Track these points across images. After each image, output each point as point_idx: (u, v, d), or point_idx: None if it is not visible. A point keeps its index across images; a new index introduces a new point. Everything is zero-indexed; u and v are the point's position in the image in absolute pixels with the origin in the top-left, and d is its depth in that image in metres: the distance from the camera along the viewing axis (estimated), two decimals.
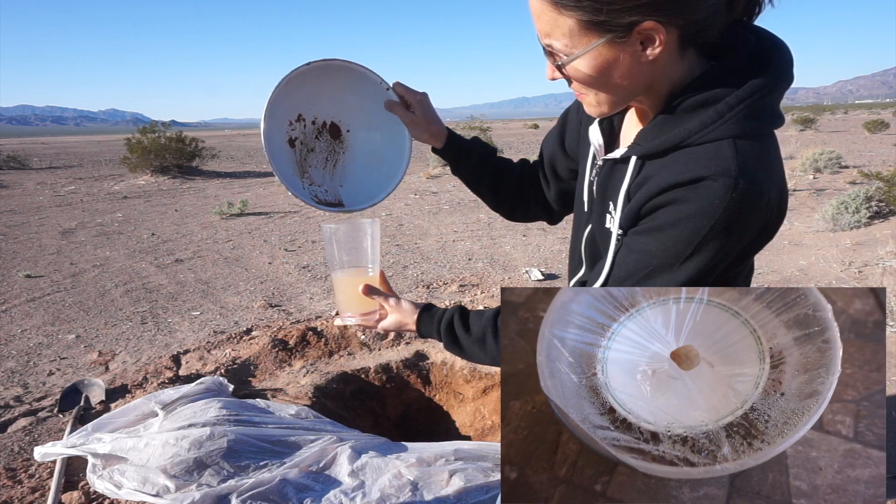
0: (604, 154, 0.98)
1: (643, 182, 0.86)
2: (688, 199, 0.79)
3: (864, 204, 6.37)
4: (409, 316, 1.06)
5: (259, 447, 2.32)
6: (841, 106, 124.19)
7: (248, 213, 8.86)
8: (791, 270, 4.91)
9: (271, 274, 5.40)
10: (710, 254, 0.80)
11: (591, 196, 1.02)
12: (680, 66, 0.84)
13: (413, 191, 11.06)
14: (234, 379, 3.05)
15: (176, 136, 14.47)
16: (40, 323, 4.12)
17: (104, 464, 2.23)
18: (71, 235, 7.46)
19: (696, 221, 0.78)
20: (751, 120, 0.79)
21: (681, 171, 0.80)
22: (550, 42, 0.82)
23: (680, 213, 0.80)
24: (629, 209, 0.87)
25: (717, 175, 0.77)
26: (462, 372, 3.30)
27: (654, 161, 0.86)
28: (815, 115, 35.68)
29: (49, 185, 13.39)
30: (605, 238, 0.95)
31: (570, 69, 0.83)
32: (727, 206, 0.76)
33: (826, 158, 11.33)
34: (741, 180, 0.76)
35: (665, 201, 0.81)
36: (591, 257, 1.05)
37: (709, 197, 0.77)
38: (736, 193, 0.76)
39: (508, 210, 1.29)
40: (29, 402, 2.92)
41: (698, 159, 0.79)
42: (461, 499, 2.07)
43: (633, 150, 0.88)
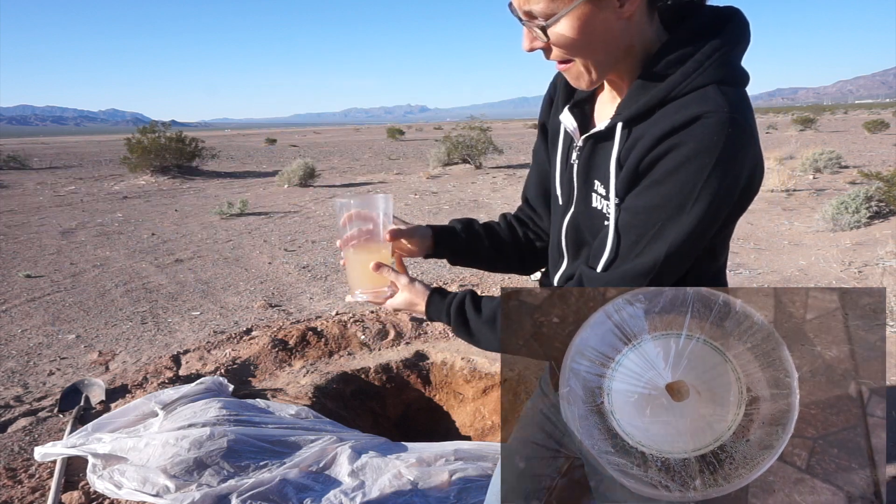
0: (580, 135, 0.98)
1: (634, 144, 0.86)
2: (686, 142, 0.79)
3: (864, 204, 6.37)
4: (420, 296, 1.06)
5: (259, 447, 2.32)
6: (841, 106, 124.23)
7: (248, 213, 8.86)
8: (791, 270, 4.91)
9: (271, 274, 5.40)
10: (713, 195, 0.80)
11: (571, 182, 1.01)
12: (650, 28, 0.87)
13: (413, 191, 11.06)
14: (234, 379, 3.05)
15: (176, 136, 14.48)
16: (40, 323, 4.12)
17: (104, 464, 2.24)
18: (71, 235, 7.46)
19: (699, 160, 0.79)
20: (727, 67, 0.83)
21: (674, 118, 0.80)
22: (530, 8, 0.82)
23: (680, 156, 0.80)
24: (624, 174, 0.87)
25: (712, 112, 0.78)
26: (462, 372, 3.30)
27: (640, 124, 0.86)
28: (815, 115, 35.69)
29: (49, 185, 13.40)
30: (594, 218, 0.95)
31: (552, 34, 0.84)
32: (726, 140, 0.77)
33: (826, 158, 11.33)
34: (735, 115, 0.78)
35: (663, 151, 0.81)
36: (574, 246, 1.03)
37: (707, 133, 0.78)
38: (732, 127, 0.78)
39: (518, 262, 1.23)
40: (29, 402, 2.92)
41: (688, 104, 0.80)
42: (461, 499, 2.07)
43: (617, 118, 0.89)
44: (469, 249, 1.18)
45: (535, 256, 1.22)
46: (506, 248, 1.20)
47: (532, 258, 1.22)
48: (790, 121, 35.52)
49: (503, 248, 1.20)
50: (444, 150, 15.08)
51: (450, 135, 16.98)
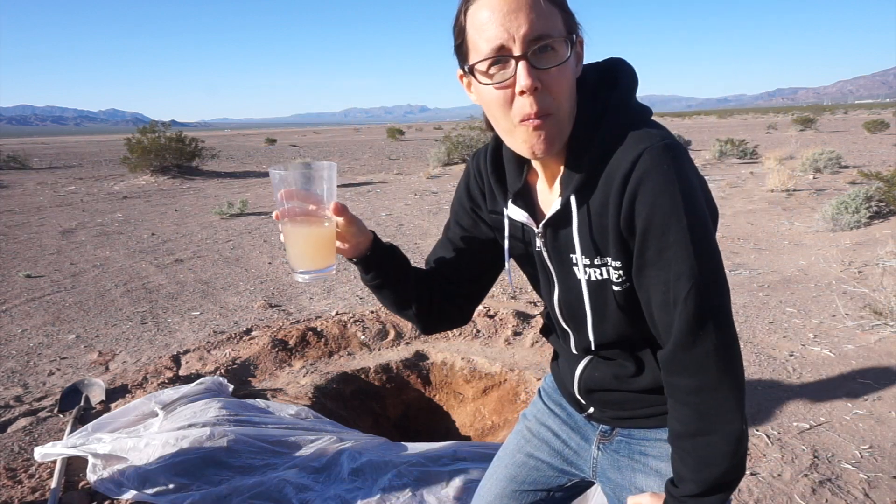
0: (535, 224, 0.97)
1: (600, 209, 0.87)
2: (644, 182, 0.81)
3: (863, 204, 6.37)
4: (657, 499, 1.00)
5: (259, 447, 2.32)
6: (841, 106, 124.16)
7: (247, 213, 8.86)
8: (791, 270, 4.91)
9: (271, 274, 5.40)
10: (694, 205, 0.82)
11: (546, 267, 1.01)
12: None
13: (413, 191, 11.06)
14: (234, 379, 3.05)
15: (176, 136, 14.47)
16: (40, 323, 4.12)
17: (104, 464, 2.23)
18: (71, 235, 7.46)
19: (666, 192, 0.80)
20: (637, 110, 0.88)
21: (621, 167, 0.83)
22: (550, 42, 0.81)
23: (647, 201, 0.81)
24: (613, 237, 0.87)
25: (649, 147, 0.82)
26: (462, 372, 3.30)
27: (593, 190, 0.88)
28: (815, 115, 35.69)
29: (49, 185, 13.40)
30: (579, 290, 0.96)
31: (560, 71, 0.82)
32: (673, 162, 0.81)
33: (826, 158, 11.33)
34: (667, 140, 0.82)
35: (630, 200, 0.83)
36: (573, 321, 1.03)
37: (655, 164, 0.81)
38: (672, 150, 0.82)
39: (426, 315, 1.10)
40: (29, 402, 2.92)
41: (626, 150, 0.84)
42: (461, 499, 2.07)
43: (567, 192, 0.90)
44: (399, 274, 1.06)
45: (440, 316, 1.13)
46: (424, 293, 1.09)
47: (437, 314, 1.12)
48: (790, 121, 35.52)
49: (423, 291, 1.10)
50: (444, 150, 15.08)
51: (450, 135, 16.98)
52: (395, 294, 1.06)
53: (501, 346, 3.50)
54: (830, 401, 2.76)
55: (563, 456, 1.15)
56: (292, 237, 0.95)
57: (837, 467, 2.25)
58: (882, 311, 3.60)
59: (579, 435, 1.14)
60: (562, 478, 1.16)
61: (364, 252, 1.01)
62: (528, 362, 3.26)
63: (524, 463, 1.19)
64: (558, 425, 1.17)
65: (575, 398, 1.11)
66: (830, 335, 3.50)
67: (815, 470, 2.24)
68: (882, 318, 3.58)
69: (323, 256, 0.96)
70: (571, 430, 1.16)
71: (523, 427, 1.23)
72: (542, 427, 1.19)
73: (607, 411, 1.07)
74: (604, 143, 0.85)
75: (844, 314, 3.77)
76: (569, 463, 1.15)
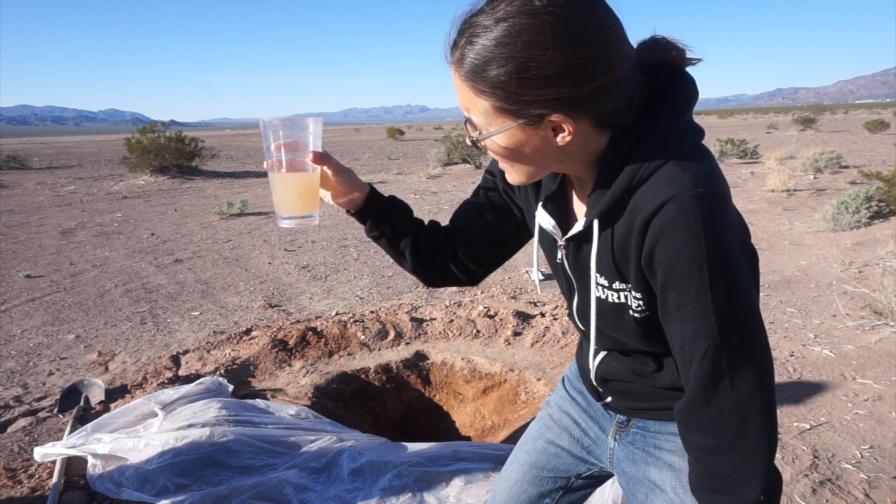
0: (561, 235, 0.98)
1: (623, 238, 0.84)
2: (666, 231, 0.77)
3: (864, 204, 6.37)
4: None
5: (259, 447, 2.32)
6: (841, 106, 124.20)
7: (247, 213, 8.86)
8: (791, 270, 4.91)
9: (271, 274, 5.40)
10: (737, 262, 0.78)
11: (567, 276, 1.02)
12: (598, 138, 0.84)
13: (413, 191, 11.06)
14: (233, 379, 3.05)
15: (176, 136, 14.47)
16: (40, 323, 4.12)
17: (104, 464, 2.23)
18: (71, 235, 7.45)
19: (692, 245, 0.76)
20: (682, 138, 0.82)
21: (645, 208, 0.79)
22: (469, 116, 0.85)
23: (668, 250, 0.78)
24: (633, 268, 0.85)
25: (677, 195, 0.76)
26: (462, 372, 3.30)
27: (617, 217, 0.85)
28: (815, 115, 35.70)
29: (49, 185, 13.40)
30: (601, 307, 0.95)
31: (487, 142, 0.86)
32: (702, 214, 0.75)
33: (826, 158, 11.33)
34: (699, 189, 0.76)
35: (651, 246, 0.80)
36: (585, 322, 1.03)
37: (680, 216, 0.76)
38: (701, 201, 0.76)
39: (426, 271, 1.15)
40: (29, 402, 2.92)
41: (653, 190, 0.79)
42: (461, 499, 2.07)
43: (591, 216, 0.88)
44: (399, 228, 1.10)
45: (444, 274, 1.16)
46: (428, 248, 1.13)
47: (440, 273, 1.15)
48: (791, 121, 35.52)
49: (427, 246, 1.13)
50: (444, 150, 15.09)
51: (450, 135, 16.98)
52: (392, 247, 1.11)
53: (501, 347, 3.50)
54: (830, 401, 2.76)
55: (583, 444, 1.16)
56: (276, 183, 1.03)
57: (838, 467, 2.25)
58: (882, 311, 3.60)
59: (597, 424, 1.15)
60: (581, 466, 1.17)
61: (359, 204, 1.07)
62: (529, 362, 3.26)
63: (544, 449, 1.20)
64: (578, 413, 1.18)
65: (592, 385, 1.11)
66: (831, 335, 3.50)
67: (815, 470, 2.23)
68: (882, 318, 3.58)
69: (305, 204, 1.03)
70: (590, 418, 1.16)
71: (546, 414, 1.25)
72: (564, 415, 1.20)
73: (623, 401, 1.07)
74: (634, 173, 0.81)
75: (845, 314, 3.76)
76: (588, 452, 1.16)
